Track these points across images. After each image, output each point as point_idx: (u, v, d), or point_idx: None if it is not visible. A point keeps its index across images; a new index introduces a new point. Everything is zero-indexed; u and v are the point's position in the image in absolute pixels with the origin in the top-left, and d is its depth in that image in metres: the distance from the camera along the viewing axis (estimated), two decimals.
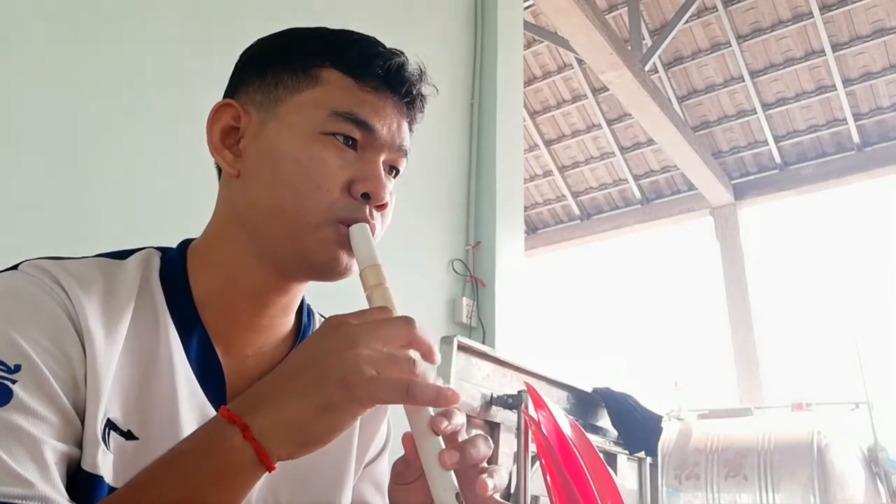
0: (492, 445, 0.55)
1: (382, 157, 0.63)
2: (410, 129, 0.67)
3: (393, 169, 0.66)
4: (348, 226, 0.60)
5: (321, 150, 0.60)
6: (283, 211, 0.60)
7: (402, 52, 0.65)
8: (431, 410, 0.52)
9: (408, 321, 0.52)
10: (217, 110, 0.65)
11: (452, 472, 0.51)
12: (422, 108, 0.68)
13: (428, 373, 0.51)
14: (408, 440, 0.56)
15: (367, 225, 0.60)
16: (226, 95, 0.67)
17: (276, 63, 0.64)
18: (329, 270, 0.61)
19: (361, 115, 0.61)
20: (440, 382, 0.52)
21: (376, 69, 0.62)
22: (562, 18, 3.68)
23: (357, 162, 0.61)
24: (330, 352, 0.49)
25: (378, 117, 0.62)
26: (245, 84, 0.65)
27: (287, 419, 0.47)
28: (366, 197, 0.61)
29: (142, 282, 0.61)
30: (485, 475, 0.54)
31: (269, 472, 0.47)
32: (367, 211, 0.61)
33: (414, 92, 0.65)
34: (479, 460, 0.53)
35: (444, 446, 0.51)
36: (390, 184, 0.65)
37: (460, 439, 0.54)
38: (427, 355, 0.52)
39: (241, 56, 0.68)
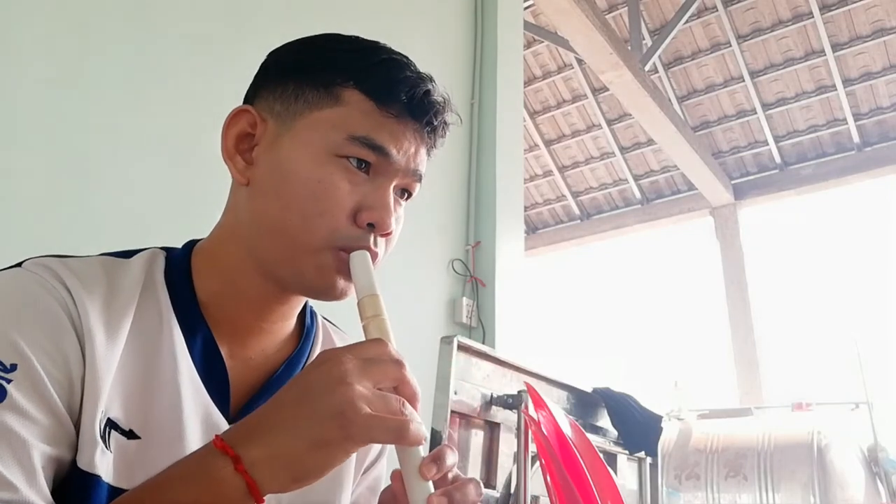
0: (482, 492, 0.54)
1: (395, 182, 0.62)
2: (429, 155, 0.66)
3: (405, 192, 0.65)
4: (349, 253, 0.59)
5: (331, 174, 0.59)
6: (285, 230, 0.59)
7: (430, 78, 0.63)
8: (422, 451, 0.51)
9: (399, 364, 0.51)
10: (234, 116, 0.64)
11: None
12: (443, 135, 0.66)
13: (415, 416, 0.51)
14: (396, 478, 0.55)
15: (367, 253, 0.59)
16: (246, 98, 0.66)
17: (299, 74, 0.62)
18: (325, 294, 0.61)
19: (378, 140, 0.60)
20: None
21: (400, 95, 0.60)
22: (562, 18, 3.68)
23: (367, 186, 0.60)
24: (324, 387, 0.48)
25: (395, 143, 0.61)
26: (266, 91, 0.64)
27: (280, 453, 0.47)
28: (371, 226, 0.60)
29: (146, 281, 0.61)
30: None
31: None
32: (371, 239, 0.60)
33: (436, 121, 0.63)
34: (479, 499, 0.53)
35: (432, 489, 0.51)
36: (400, 207, 0.65)
37: (451, 476, 0.53)
38: (411, 400, 0.51)
39: (266, 59, 0.67)
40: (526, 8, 4.67)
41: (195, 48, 1.70)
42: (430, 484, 0.51)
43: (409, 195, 0.66)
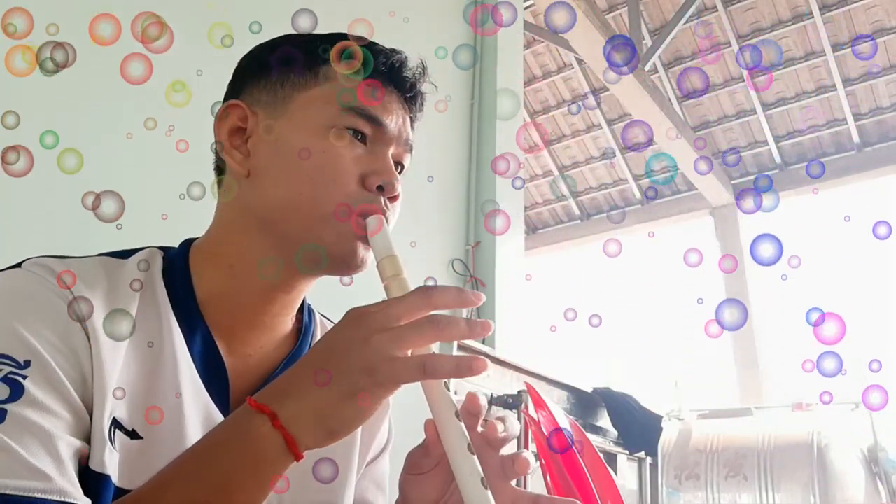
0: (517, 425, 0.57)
1: (391, 151, 0.64)
2: (412, 127, 0.68)
3: (398, 165, 0.67)
4: (365, 217, 0.60)
5: (334, 144, 0.61)
6: (300, 205, 0.60)
7: (402, 51, 0.67)
8: (454, 395, 0.52)
9: (425, 292, 0.51)
10: (224, 111, 0.65)
11: (476, 458, 0.51)
12: (422, 107, 0.69)
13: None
14: (430, 426, 0.56)
15: (382, 217, 0.60)
16: (227, 97, 0.67)
17: (279, 63, 0.65)
18: (346, 264, 0.62)
19: (370, 110, 0.62)
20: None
21: (379, 66, 0.63)
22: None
23: (368, 155, 0.62)
24: (353, 341, 0.49)
25: (385, 112, 0.63)
26: (249, 85, 0.66)
27: (314, 407, 0.48)
28: (380, 189, 0.62)
29: (145, 280, 0.61)
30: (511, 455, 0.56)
31: (297, 460, 0.48)
32: (382, 202, 0.62)
33: (416, 88, 0.67)
34: (512, 436, 0.56)
35: (466, 432, 0.52)
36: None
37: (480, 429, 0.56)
38: (454, 305, 0.51)
39: (242, 59, 0.69)
40: (526, 8, 4.67)
41: (196, 48, 1.70)
42: (464, 426, 0.52)
43: (402, 168, 0.68)
